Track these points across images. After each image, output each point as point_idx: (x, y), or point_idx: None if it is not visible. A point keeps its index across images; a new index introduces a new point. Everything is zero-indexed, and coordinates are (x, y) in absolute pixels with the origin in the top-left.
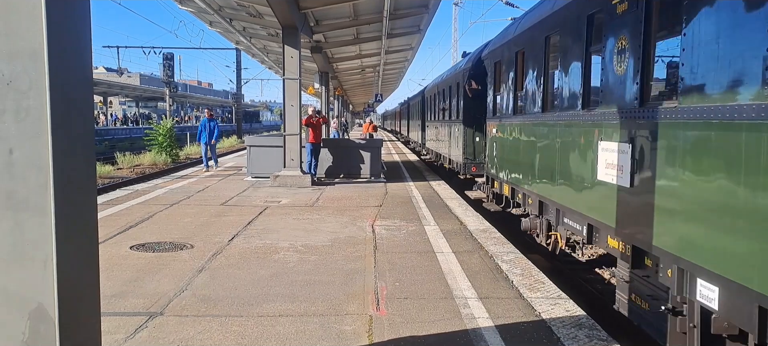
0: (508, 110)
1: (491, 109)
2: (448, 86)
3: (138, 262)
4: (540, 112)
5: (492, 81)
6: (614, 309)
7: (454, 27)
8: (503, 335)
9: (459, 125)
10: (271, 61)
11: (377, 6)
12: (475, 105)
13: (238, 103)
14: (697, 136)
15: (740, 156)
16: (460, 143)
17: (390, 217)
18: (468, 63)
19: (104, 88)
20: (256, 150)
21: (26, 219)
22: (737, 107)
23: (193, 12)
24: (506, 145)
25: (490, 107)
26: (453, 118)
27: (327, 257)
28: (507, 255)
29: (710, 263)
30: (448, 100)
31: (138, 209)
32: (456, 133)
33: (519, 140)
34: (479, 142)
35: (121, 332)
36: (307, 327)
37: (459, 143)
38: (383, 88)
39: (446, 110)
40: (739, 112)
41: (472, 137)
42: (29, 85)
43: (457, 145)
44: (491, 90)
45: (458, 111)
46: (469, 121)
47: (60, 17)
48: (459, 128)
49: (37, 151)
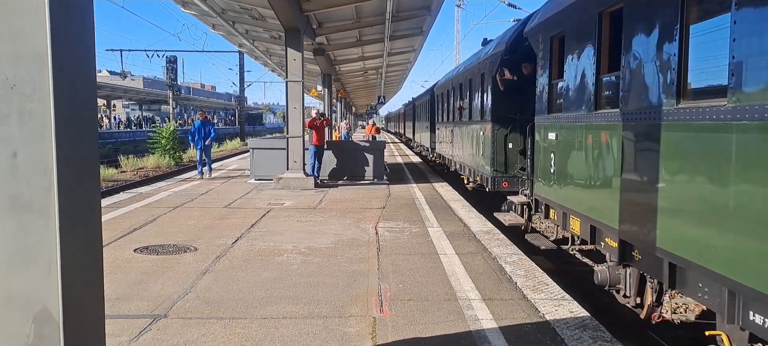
0: (584, 103)
1: (544, 104)
2: (467, 79)
3: (142, 265)
4: (674, 105)
5: (546, 63)
6: (618, 311)
7: (457, 29)
8: (507, 336)
9: (485, 127)
10: (273, 64)
11: (380, 8)
12: (508, 101)
13: (241, 105)
14: None
15: None
16: (486, 150)
17: (393, 219)
18: (499, 46)
19: (108, 91)
20: (259, 152)
21: (30, 222)
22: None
23: (196, 15)
24: (579, 159)
25: (543, 101)
26: (476, 118)
27: (330, 259)
28: (510, 257)
29: None
30: (468, 96)
31: (141, 211)
32: (481, 137)
33: (608, 153)
34: (513, 149)
35: (126, 334)
36: (311, 329)
37: (485, 150)
38: (386, 90)
39: (465, 109)
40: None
41: (503, 143)
42: (33, 89)
43: (483, 153)
44: (545, 76)
45: (484, 109)
46: (501, 122)
47: (64, 21)
48: (485, 131)
49: (41, 154)
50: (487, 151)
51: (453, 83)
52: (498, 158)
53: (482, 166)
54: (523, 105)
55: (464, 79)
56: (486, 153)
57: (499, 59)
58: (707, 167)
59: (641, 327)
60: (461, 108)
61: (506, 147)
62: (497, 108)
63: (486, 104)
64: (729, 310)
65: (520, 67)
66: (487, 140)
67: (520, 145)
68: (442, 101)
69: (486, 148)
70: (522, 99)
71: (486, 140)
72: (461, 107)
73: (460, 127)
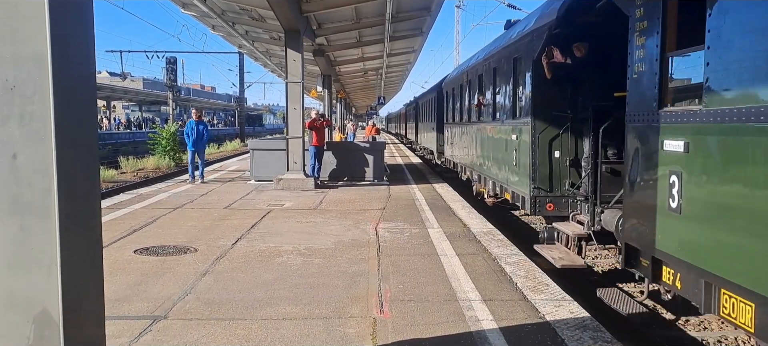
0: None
1: (652, 91)
2: (489, 68)
3: (142, 266)
4: None
5: (655, 24)
6: (619, 311)
7: (457, 29)
8: (507, 336)
9: (521, 129)
10: (273, 65)
11: (379, 9)
12: (557, 93)
13: (241, 106)
14: None
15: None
16: (523, 159)
17: (393, 219)
18: (545, 17)
19: (107, 92)
20: (259, 153)
21: (31, 223)
22: None
23: (196, 16)
24: (752, 190)
25: (645, 87)
26: (504, 116)
27: (330, 259)
28: (511, 257)
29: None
30: (491, 89)
31: (142, 212)
32: (513, 141)
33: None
34: (560, 159)
35: (126, 335)
36: (311, 330)
37: (521, 159)
38: (386, 91)
39: (488, 106)
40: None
41: (547, 150)
42: (33, 90)
43: (516, 163)
44: (651, 44)
45: (519, 105)
46: (545, 122)
47: (63, 22)
48: (521, 134)
49: (42, 156)
50: (523, 161)
51: (469, 75)
52: (541, 171)
53: (515, 181)
54: (576, 99)
55: (486, 69)
56: (522, 163)
57: (545, 35)
58: None
59: (641, 328)
60: (481, 104)
61: (551, 156)
62: (540, 103)
63: (523, 98)
64: None
65: (572, 48)
66: (524, 146)
67: (572, 154)
68: (452, 98)
69: (522, 157)
70: (574, 90)
71: (522, 146)
72: (481, 104)
73: (479, 129)
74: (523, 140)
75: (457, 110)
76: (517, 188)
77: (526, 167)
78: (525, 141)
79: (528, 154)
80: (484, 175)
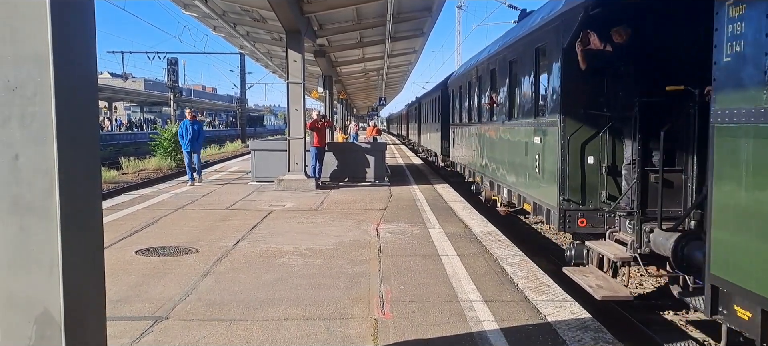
0: None
1: (761, 76)
2: (505, 62)
3: (143, 266)
4: None
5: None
6: (621, 311)
7: (458, 30)
8: (508, 337)
9: (547, 129)
10: (274, 66)
11: (380, 10)
12: (592, 87)
13: (242, 107)
14: None
15: None
16: (549, 165)
17: (394, 220)
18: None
19: (109, 93)
20: (260, 154)
21: (32, 224)
22: None
23: (198, 17)
24: None
25: (750, 71)
26: (524, 115)
27: (331, 260)
28: (512, 258)
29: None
30: (507, 84)
31: (143, 213)
32: (536, 143)
33: None
34: (595, 165)
35: (127, 336)
36: (312, 331)
37: (546, 164)
38: (387, 92)
39: (502, 104)
40: None
41: (579, 155)
42: (34, 91)
43: (540, 169)
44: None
45: (543, 103)
46: (578, 121)
47: (65, 23)
48: (547, 135)
49: (43, 157)
50: (549, 167)
51: (479, 71)
52: (571, 180)
53: (537, 190)
54: (615, 94)
55: (500, 63)
56: (547, 170)
57: (580, 16)
58: None
59: (642, 328)
60: (493, 103)
61: (584, 162)
62: (571, 99)
63: (548, 94)
64: None
65: (610, 33)
66: (550, 150)
67: (609, 159)
68: (459, 97)
69: (547, 163)
70: (613, 84)
71: (548, 150)
72: (493, 102)
73: (491, 130)
74: (549, 143)
75: (464, 110)
76: (541, 198)
77: (553, 175)
78: (551, 144)
79: (555, 159)
80: (497, 181)
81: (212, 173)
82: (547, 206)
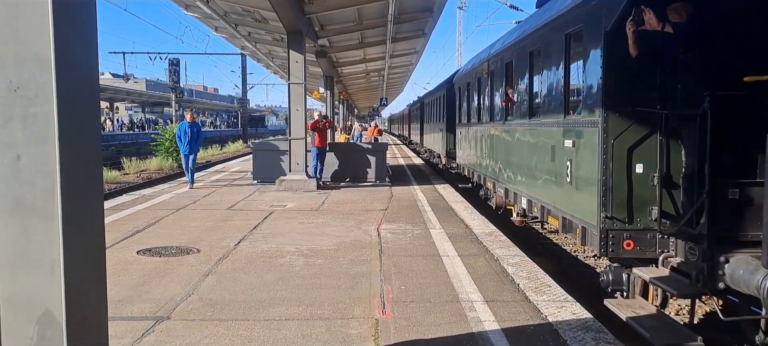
0: None
1: None
2: (525, 53)
3: (145, 266)
4: None
5: None
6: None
7: (458, 30)
8: (509, 338)
9: (582, 132)
10: (276, 66)
11: (381, 10)
12: (642, 80)
13: (243, 107)
14: None
15: None
16: (586, 176)
17: (395, 220)
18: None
19: (111, 93)
20: (261, 154)
21: (34, 224)
22: None
23: (199, 18)
24: None
25: None
26: (550, 115)
27: (333, 260)
28: (513, 258)
29: None
30: (526, 78)
31: (144, 213)
32: (568, 149)
33: None
34: (644, 175)
35: (129, 336)
36: (314, 331)
37: (581, 175)
38: (388, 92)
39: (523, 100)
40: None
41: (625, 163)
42: (36, 92)
43: (574, 180)
44: None
45: (577, 99)
46: (624, 122)
47: (67, 24)
48: (581, 139)
49: (45, 157)
50: (586, 176)
51: (490, 65)
52: (617, 192)
53: (568, 203)
54: (673, 86)
55: (518, 53)
56: (582, 179)
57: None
58: None
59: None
60: (510, 100)
61: (631, 171)
62: (618, 92)
63: (586, 86)
64: None
65: (666, 11)
66: (588, 155)
67: (663, 168)
68: (467, 94)
69: (582, 170)
70: (670, 74)
71: (583, 155)
72: (510, 99)
73: (507, 130)
74: (586, 147)
75: (473, 108)
76: (574, 213)
77: (592, 186)
78: (589, 148)
79: (595, 167)
80: (513, 188)
81: (213, 173)
82: (582, 223)
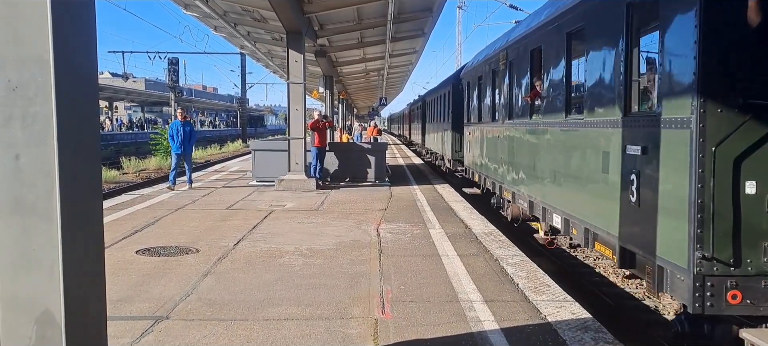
0: None
1: None
2: (559, 35)
3: (144, 266)
4: None
5: None
6: (621, 312)
7: (458, 30)
8: (509, 337)
9: (662, 135)
10: (275, 66)
11: (381, 10)
12: (760, 63)
13: (243, 107)
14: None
15: None
16: (669, 196)
17: (395, 220)
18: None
19: (110, 93)
20: (260, 154)
21: (33, 225)
22: None
23: (198, 17)
24: None
25: None
26: (595, 112)
27: (332, 260)
28: (512, 258)
29: None
30: (562, 66)
31: (143, 213)
32: (635, 158)
33: None
34: (756, 197)
35: (128, 336)
36: (313, 331)
37: (661, 195)
38: (387, 92)
39: (555, 95)
40: None
41: (730, 180)
42: (36, 92)
43: (641, 201)
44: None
45: (646, 91)
46: (732, 120)
47: (66, 24)
48: (661, 145)
49: (44, 157)
50: (669, 195)
51: (510, 54)
52: (719, 223)
53: (636, 230)
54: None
55: (548, 37)
56: (664, 199)
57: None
58: None
59: (643, 329)
60: (536, 95)
61: (740, 191)
62: (721, 80)
63: (670, 71)
64: None
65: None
66: (671, 166)
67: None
68: (478, 90)
69: (663, 187)
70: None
71: (665, 165)
72: (537, 93)
73: (533, 129)
74: (667, 156)
75: (485, 106)
76: (644, 246)
77: (679, 212)
78: (672, 157)
79: (683, 184)
80: (540, 202)
81: (213, 172)
82: (659, 262)
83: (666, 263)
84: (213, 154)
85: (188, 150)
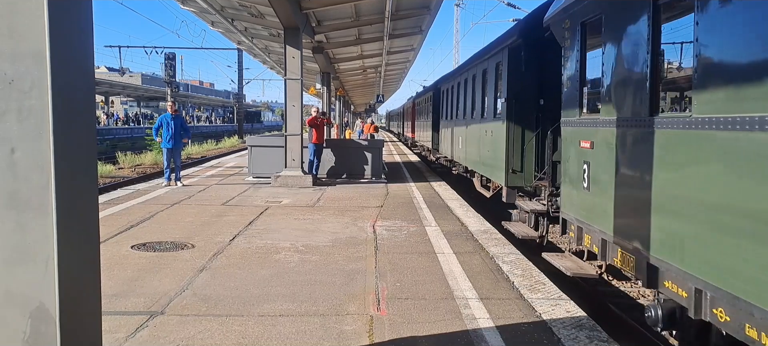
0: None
1: None
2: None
3: (139, 261)
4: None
5: None
6: (616, 310)
7: (456, 28)
8: (504, 335)
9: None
10: (272, 62)
11: (379, 7)
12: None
13: (239, 103)
14: None
15: None
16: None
17: (391, 217)
18: None
19: (106, 87)
20: (257, 150)
21: (28, 219)
22: None
23: (195, 12)
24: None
25: None
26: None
27: (328, 257)
28: (508, 256)
29: None
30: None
31: (139, 208)
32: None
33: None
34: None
35: (122, 331)
36: (308, 327)
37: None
38: (385, 89)
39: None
40: None
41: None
42: (31, 86)
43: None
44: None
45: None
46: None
47: (62, 18)
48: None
49: (39, 152)
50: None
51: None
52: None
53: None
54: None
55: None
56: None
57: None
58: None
59: (638, 328)
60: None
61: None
62: None
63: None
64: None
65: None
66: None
67: None
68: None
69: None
70: None
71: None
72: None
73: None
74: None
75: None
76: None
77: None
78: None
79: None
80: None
81: (209, 168)
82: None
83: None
84: (209, 149)
85: (178, 145)
